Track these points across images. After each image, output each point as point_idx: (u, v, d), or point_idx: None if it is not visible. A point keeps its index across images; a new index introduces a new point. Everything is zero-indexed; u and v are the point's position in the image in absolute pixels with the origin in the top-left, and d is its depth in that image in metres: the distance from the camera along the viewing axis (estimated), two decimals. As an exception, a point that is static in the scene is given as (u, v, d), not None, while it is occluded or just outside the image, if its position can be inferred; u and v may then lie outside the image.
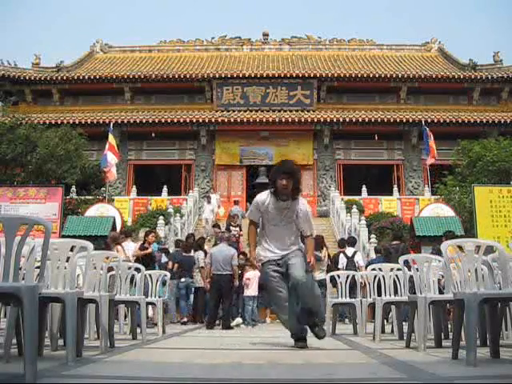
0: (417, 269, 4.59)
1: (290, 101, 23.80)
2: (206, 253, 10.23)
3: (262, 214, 4.54)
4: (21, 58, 59.78)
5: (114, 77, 24.34)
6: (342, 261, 10.51)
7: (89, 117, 22.24)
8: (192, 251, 10.72)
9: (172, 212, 17.88)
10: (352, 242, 11.44)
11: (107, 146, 16.89)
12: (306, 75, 24.00)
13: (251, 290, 9.88)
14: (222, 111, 23.40)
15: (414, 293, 4.64)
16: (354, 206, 18.04)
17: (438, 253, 10.05)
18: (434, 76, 24.01)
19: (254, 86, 23.94)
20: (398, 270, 5.56)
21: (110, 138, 17.25)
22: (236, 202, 18.45)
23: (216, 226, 14.22)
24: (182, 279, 10.35)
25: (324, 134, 23.16)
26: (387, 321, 7.96)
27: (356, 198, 20.27)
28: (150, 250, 9.54)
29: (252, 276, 9.89)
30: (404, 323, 6.04)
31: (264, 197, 4.53)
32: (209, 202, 17.92)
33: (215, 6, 77.64)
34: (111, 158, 16.72)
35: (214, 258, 8.97)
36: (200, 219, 19.14)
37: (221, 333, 7.58)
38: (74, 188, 18.02)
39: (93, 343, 4.71)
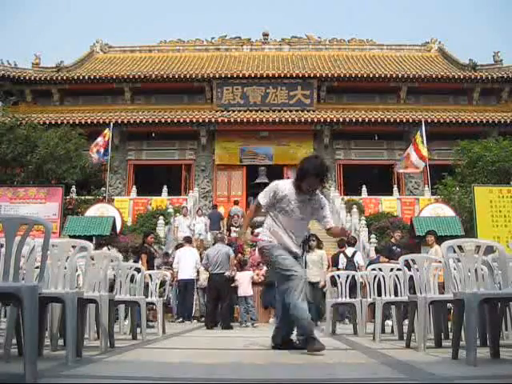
0: (417, 269, 4.59)
1: (290, 101, 23.78)
2: None
3: (278, 202, 4.24)
4: (21, 58, 59.55)
5: (114, 77, 24.32)
6: (342, 261, 10.52)
7: (89, 117, 22.23)
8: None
9: (172, 212, 17.86)
10: (352, 242, 11.43)
11: (102, 140, 17.35)
12: (306, 75, 23.99)
13: (241, 291, 9.94)
14: (222, 111, 23.38)
15: (414, 293, 4.64)
16: (354, 206, 18.04)
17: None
18: (433, 76, 23.99)
19: (253, 85, 23.93)
20: (398, 270, 5.56)
21: (107, 133, 17.64)
22: (236, 202, 18.42)
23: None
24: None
25: (324, 133, 23.15)
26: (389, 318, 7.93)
27: (356, 197, 20.25)
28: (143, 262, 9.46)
29: (239, 277, 9.93)
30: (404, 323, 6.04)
31: (287, 186, 4.27)
32: (185, 215, 15.68)
33: (215, 5, 77.68)
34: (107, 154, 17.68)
35: (210, 258, 9.00)
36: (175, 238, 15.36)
37: (221, 333, 7.58)
38: (74, 188, 18.01)
39: (93, 343, 4.70)
